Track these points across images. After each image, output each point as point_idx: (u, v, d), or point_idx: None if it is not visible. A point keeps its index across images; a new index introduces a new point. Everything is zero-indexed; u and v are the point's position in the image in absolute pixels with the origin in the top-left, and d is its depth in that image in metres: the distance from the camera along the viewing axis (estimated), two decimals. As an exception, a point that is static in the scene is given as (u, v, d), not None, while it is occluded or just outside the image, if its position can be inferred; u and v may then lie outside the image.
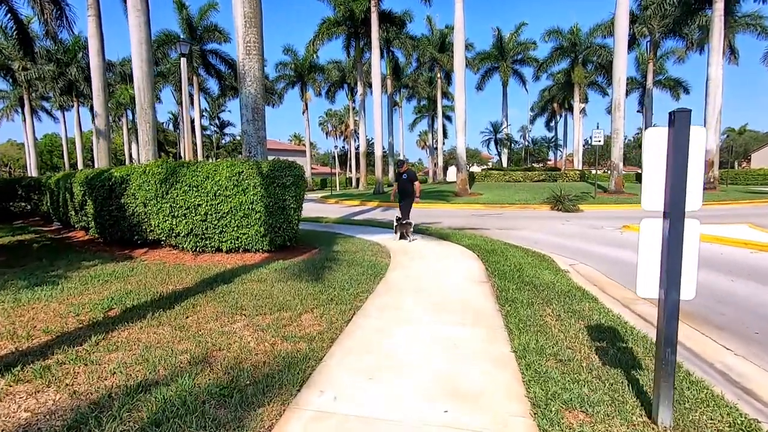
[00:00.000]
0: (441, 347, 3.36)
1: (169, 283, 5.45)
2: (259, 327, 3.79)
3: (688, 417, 2.36)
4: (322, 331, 3.70)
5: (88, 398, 2.60)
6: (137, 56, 11.98)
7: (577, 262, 7.04)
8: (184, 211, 7.06)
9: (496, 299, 4.62)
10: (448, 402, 2.55)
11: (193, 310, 4.29)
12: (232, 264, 6.56)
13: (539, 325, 3.77)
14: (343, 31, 29.51)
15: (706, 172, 21.65)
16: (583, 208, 15.98)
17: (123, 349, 3.34)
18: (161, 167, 7.34)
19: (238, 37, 8.77)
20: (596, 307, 4.35)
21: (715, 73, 20.53)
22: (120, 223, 8.05)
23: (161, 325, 3.88)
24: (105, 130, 17.67)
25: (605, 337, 3.54)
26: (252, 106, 8.79)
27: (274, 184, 6.96)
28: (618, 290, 5.41)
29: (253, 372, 2.92)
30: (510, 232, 10.59)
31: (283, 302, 4.48)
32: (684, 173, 2.09)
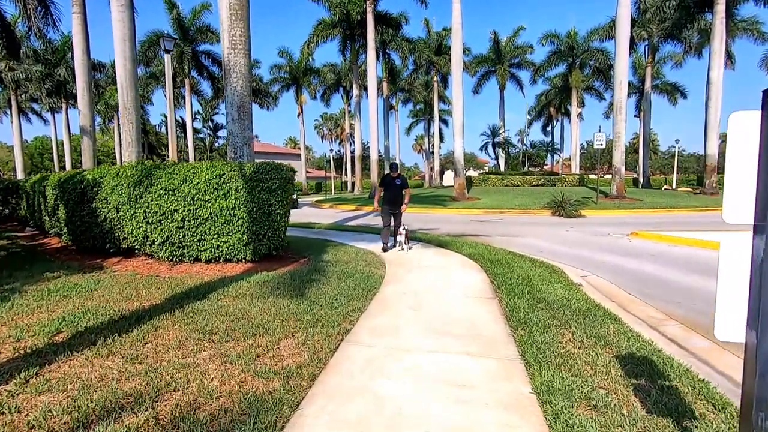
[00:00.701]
0: (446, 387, 2.76)
1: (136, 299, 4.82)
2: (227, 358, 3.18)
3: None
4: (302, 363, 3.09)
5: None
6: (120, 53, 11.36)
7: (589, 274, 6.47)
8: (159, 217, 6.44)
9: (507, 320, 4.03)
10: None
11: (154, 335, 3.67)
12: (211, 276, 5.93)
13: (561, 356, 3.18)
14: (339, 33, 29.03)
15: (708, 178, 21.27)
16: (585, 213, 15.46)
17: (56, 389, 2.71)
18: (135, 169, 6.73)
19: (223, 31, 8.19)
20: (622, 330, 3.77)
21: (716, 76, 20.19)
22: (92, 230, 7.41)
23: (112, 354, 3.26)
24: (90, 130, 17.01)
25: (642, 372, 2.95)
26: (238, 104, 8.19)
27: (259, 187, 6.36)
28: (640, 307, 4.83)
29: (210, 424, 2.31)
30: (512, 239, 10.03)
31: (260, 324, 3.87)
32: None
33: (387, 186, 7.88)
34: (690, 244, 8.67)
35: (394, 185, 7.84)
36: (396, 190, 7.86)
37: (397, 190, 7.86)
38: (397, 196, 7.86)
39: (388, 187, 7.86)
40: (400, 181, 7.88)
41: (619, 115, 18.13)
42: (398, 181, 7.85)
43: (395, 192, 7.86)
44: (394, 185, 7.84)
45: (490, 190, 25.80)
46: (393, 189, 7.86)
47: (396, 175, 7.91)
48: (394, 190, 7.86)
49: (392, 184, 7.85)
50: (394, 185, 7.84)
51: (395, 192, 7.86)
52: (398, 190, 7.87)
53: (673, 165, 50.61)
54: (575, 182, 28.80)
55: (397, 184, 7.84)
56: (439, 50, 36.38)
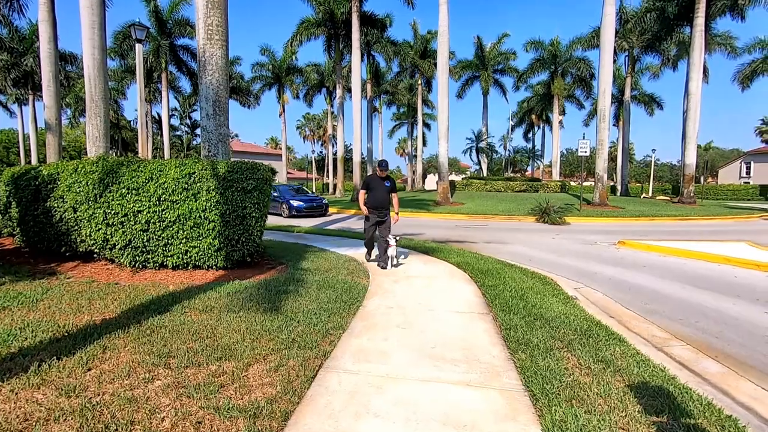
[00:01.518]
0: (444, 429, 2.35)
1: (87, 311, 4.25)
2: (185, 389, 2.69)
3: None
4: (274, 396, 2.63)
5: None
6: (89, 41, 10.62)
7: (582, 285, 6.19)
8: (120, 218, 5.85)
9: (504, 341, 3.66)
10: None
11: (101, 358, 3.14)
12: (177, 284, 5.38)
13: (570, 386, 2.82)
14: (323, 32, 28.51)
15: (686, 188, 21.63)
16: (569, 220, 15.38)
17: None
18: (96, 165, 6.13)
19: (198, 20, 7.64)
20: (629, 353, 3.44)
21: (695, 88, 20.56)
22: (46, 231, 6.74)
23: (44, 384, 2.72)
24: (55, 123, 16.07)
25: (661, 407, 2.61)
26: (213, 98, 7.64)
27: (233, 188, 5.85)
28: (641, 324, 4.55)
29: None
30: (499, 247, 9.74)
31: (227, 345, 3.38)
32: None
33: (373, 187, 6.67)
34: (680, 254, 8.53)
35: (382, 187, 6.63)
36: (383, 193, 6.64)
37: (385, 194, 6.66)
38: (385, 200, 6.68)
39: (375, 188, 6.65)
40: (389, 184, 6.68)
41: (603, 122, 18.22)
42: (387, 183, 6.65)
43: (382, 195, 6.64)
44: (382, 187, 6.63)
45: (473, 195, 25.68)
46: (380, 191, 6.63)
47: (384, 175, 6.68)
48: (382, 193, 6.63)
49: (380, 185, 6.63)
50: (382, 187, 6.63)
51: (382, 195, 6.64)
52: (386, 194, 6.66)
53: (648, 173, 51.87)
54: (557, 189, 28.98)
55: (386, 186, 6.65)
56: (424, 53, 36.25)
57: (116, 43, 28.36)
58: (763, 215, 18.69)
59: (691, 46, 20.42)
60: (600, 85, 18.32)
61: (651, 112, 39.91)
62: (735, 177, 51.26)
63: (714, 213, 18.34)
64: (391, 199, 6.79)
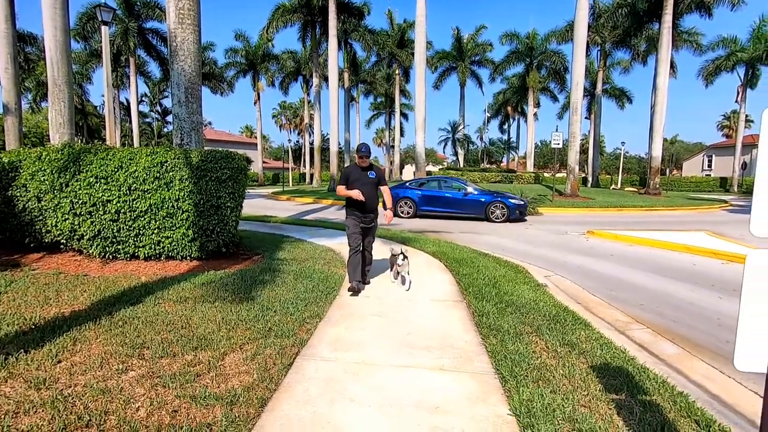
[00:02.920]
0: (418, 412, 2.44)
1: (55, 303, 4.14)
2: (160, 379, 2.68)
3: None
4: (250, 384, 2.66)
5: None
6: (50, 22, 10.11)
7: (552, 273, 6.42)
8: (89, 208, 5.67)
9: (477, 327, 3.78)
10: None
11: (72, 350, 3.08)
12: (149, 275, 5.28)
13: (537, 369, 2.96)
14: (299, 19, 27.98)
15: (652, 179, 22.50)
16: (541, 210, 15.79)
17: (-75, 430, 2.12)
18: (61, 152, 5.90)
19: (169, 3, 7.38)
20: (593, 337, 3.63)
21: (662, 83, 21.30)
22: (8, 221, 6.45)
23: (12, 378, 2.66)
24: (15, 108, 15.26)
25: (620, 386, 2.78)
26: (185, 85, 7.44)
27: (207, 177, 5.75)
28: (605, 310, 4.77)
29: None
30: (474, 237, 9.94)
31: (203, 335, 3.37)
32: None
33: (354, 180, 4.90)
34: (644, 243, 8.94)
35: (366, 180, 4.91)
36: (369, 188, 4.90)
37: (371, 189, 4.94)
38: (371, 197, 4.95)
39: (357, 182, 4.88)
40: (375, 175, 5.00)
41: (575, 115, 18.69)
42: (371, 175, 4.96)
43: (368, 191, 4.87)
44: (366, 180, 4.91)
45: (449, 186, 25.92)
46: (364, 186, 4.87)
47: (366, 164, 4.99)
48: (367, 187, 4.88)
49: (362, 178, 4.91)
50: (366, 180, 4.91)
51: (368, 191, 4.87)
52: (372, 189, 4.96)
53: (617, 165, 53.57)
54: (531, 180, 29.63)
55: (370, 178, 4.95)
56: (402, 43, 36.09)
57: (80, 25, 27.01)
58: (722, 206, 19.69)
59: (660, 42, 21.09)
60: (573, 78, 18.75)
61: (622, 106, 41.07)
62: (698, 169, 53.58)
63: (678, 204, 19.21)
64: (381, 194, 5.22)
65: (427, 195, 13.70)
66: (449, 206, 13.51)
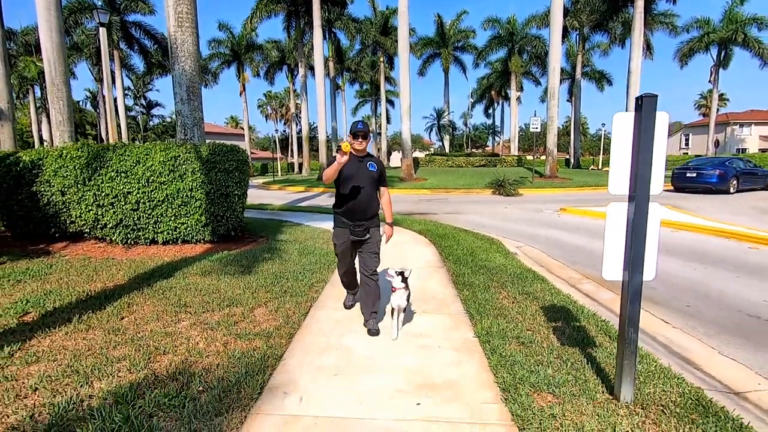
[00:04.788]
0: (407, 338, 3.29)
1: (98, 280, 4.88)
2: (207, 325, 3.48)
3: (644, 391, 2.48)
4: (278, 326, 3.47)
5: (4, 423, 2.20)
6: (45, 23, 10.51)
7: (523, 244, 7.32)
8: (111, 199, 6.36)
9: (454, 284, 4.64)
10: (421, 396, 2.48)
11: (129, 310, 3.85)
12: (171, 257, 6.03)
13: (498, 309, 3.83)
14: (283, 9, 28.16)
15: (627, 158, 23.57)
16: (522, 192, 16.74)
17: (46, 359, 2.89)
18: (81, 150, 6.54)
19: (168, 8, 7.95)
20: (547, 288, 4.52)
21: (635, 66, 22.25)
22: (33, 214, 7.08)
23: (91, 329, 3.43)
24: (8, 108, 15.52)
25: (560, 317, 3.67)
26: (187, 84, 8.06)
27: (216, 169, 6.47)
28: (563, 270, 5.68)
29: (206, 376, 2.65)
30: (457, 217, 10.81)
31: (232, 297, 4.17)
32: (650, 157, 2.13)
33: (348, 175, 3.36)
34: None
35: (363, 174, 3.41)
36: (367, 185, 3.42)
37: (370, 187, 3.44)
38: (370, 197, 3.44)
39: (351, 176, 3.37)
40: (376, 168, 3.48)
41: (553, 100, 19.55)
42: (372, 167, 3.45)
43: (366, 191, 3.41)
44: (363, 174, 3.41)
45: (436, 171, 26.78)
46: (361, 181, 3.39)
47: (364, 150, 3.44)
48: (364, 184, 3.40)
49: (359, 171, 3.39)
50: (363, 174, 3.41)
51: (366, 191, 3.41)
52: (371, 186, 3.45)
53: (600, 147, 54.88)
54: (514, 163, 30.60)
55: (370, 171, 3.44)
56: (385, 30, 36.39)
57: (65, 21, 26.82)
58: (691, 182, 20.85)
59: (632, 26, 21.97)
60: (550, 64, 19.55)
61: (601, 88, 42.06)
62: (676, 148, 55.20)
63: (649, 182, 20.27)
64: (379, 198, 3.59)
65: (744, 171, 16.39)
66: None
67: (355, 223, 3.44)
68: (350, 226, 3.45)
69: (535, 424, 2.17)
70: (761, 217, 9.80)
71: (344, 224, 3.48)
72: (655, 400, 2.39)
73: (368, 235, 3.49)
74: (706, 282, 5.09)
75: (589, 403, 2.35)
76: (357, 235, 3.45)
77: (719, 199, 14.04)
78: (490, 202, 14.52)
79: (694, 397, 2.43)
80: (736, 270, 5.55)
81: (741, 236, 7.31)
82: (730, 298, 4.49)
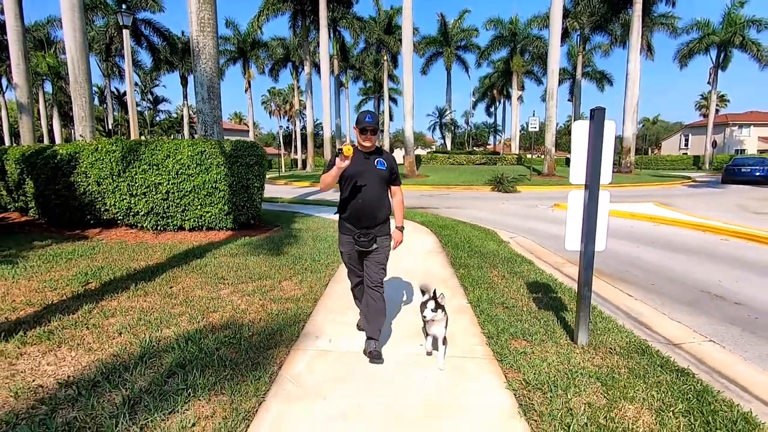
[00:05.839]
0: (413, 305, 3.97)
1: (139, 259, 5.57)
2: (244, 293, 4.17)
3: (598, 339, 3.16)
4: (304, 294, 4.16)
5: (105, 353, 2.89)
6: (69, 24, 11.18)
7: (517, 235, 7.99)
8: (143, 189, 7.03)
9: (452, 265, 5.32)
10: (423, 340, 3.16)
11: (175, 282, 4.54)
12: (198, 241, 6.72)
13: (488, 283, 4.51)
14: (289, 8, 28.77)
15: (624, 158, 24.23)
16: (520, 189, 17.39)
17: (120, 314, 3.58)
18: (116, 145, 7.21)
19: (191, 14, 8.61)
20: (533, 269, 5.20)
21: (633, 68, 22.82)
22: (70, 203, 7.77)
23: (148, 294, 4.12)
24: (27, 103, 16.26)
25: (540, 290, 4.35)
26: (207, 84, 8.73)
27: (237, 163, 7.14)
28: (550, 257, 6.35)
29: (253, 326, 3.34)
30: (457, 211, 11.48)
31: (261, 272, 4.85)
32: (600, 155, 2.79)
33: (351, 174, 2.88)
34: (598, 212, 10.57)
35: (370, 172, 2.93)
36: (375, 185, 2.94)
37: (378, 186, 2.96)
38: (379, 199, 2.97)
39: (358, 176, 2.90)
40: (385, 165, 2.98)
41: (551, 101, 20.16)
42: (380, 164, 2.96)
43: (374, 190, 2.95)
44: (370, 172, 2.93)
45: (437, 168, 27.42)
46: (369, 181, 2.92)
47: (371, 146, 2.94)
48: (372, 183, 2.93)
49: (366, 169, 2.92)
50: (370, 172, 2.93)
51: (374, 190, 2.95)
52: (380, 186, 2.98)
53: (600, 146, 55.35)
54: (514, 161, 31.22)
55: (379, 169, 2.95)
56: (389, 29, 36.96)
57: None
58: (684, 182, 21.53)
59: (630, 29, 22.53)
60: (549, 65, 20.13)
61: (602, 88, 42.57)
62: (675, 148, 55.76)
63: (644, 180, 20.99)
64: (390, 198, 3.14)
65: None
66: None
67: (362, 231, 2.93)
68: (355, 235, 2.93)
69: (510, 358, 2.85)
70: (742, 214, 10.45)
71: (349, 231, 2.99)
72: (606, 345, 3.07)
73: (375, 245, 2.97)
74: (674, 267, 5.76)
75: (553, 346, 3.03)
76: (362, 245, 2.94)
77: (711, 197, 14.69)
78: (488, 198, 15.19)
79: (637, 344, 3.11)
80: (704, 258, 6.23)
81: (716, 230, 7.98)
82: (691, 280, 5.17)
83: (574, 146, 2.91)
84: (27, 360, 2.79)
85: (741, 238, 7.36)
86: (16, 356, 2.83)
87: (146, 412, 2.19)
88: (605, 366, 2.75)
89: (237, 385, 2.47)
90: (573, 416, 2.18)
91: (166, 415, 2.18)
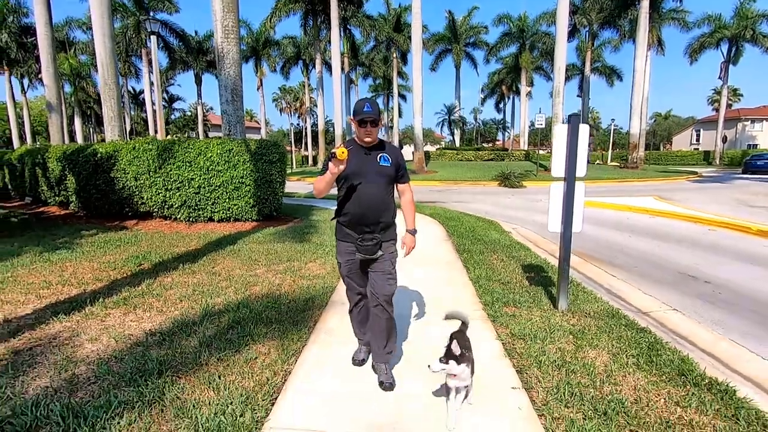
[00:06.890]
0: (424, 282, 4.62)
1: (179, 245, 6.29)
2: (277, 272, 4.85)
3: (577, 306, 3.78)
4: (328, 272, 4.83)
5: (174, 314, 3.59)
6: (99, 30, 11.95)
7: (519, 226, 8.57)
8: (177, 184, 7.77)
9: (457, 251, 5.95)
10: (434, 306, 3.81)
11: (215, 263, 5.24)
12: (228, 231, 7.43)
13: (488, 265, 5.14)
14: (301, 8, 29.42)
15: (631, 154, 24.50)
16: (526, 184, 17.90)
17: (176, 287, 4.29)
18: (152, 144, 7.95)
19: (216, 22, 9.30)
20: (530, 254, 5.81)
21: (640, 65, 23.07)
22: (109, 197, 8.55)
23: (195, 273, 4.83)
24: (56, 103, 17.18)
25: (534, 270, 4.96)
26: (231, 87, 9.43)
27: (262, 160, 7.83)
28: (548, 245, 6.93)
29: (289, 296, 4.02)
30: (464, 205, 12.08)
31: (288, 256, 5.54)
32: (575, 153, 3.40)
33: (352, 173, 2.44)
34: (599, 206, 11.08)
35: (373, 169, 2.48)
36: (379, 180, 2.50)
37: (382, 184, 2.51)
38: (382, 200, 2.52)
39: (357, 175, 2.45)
40: (389, 161, 2.53)
41: (558, 98, 20.57)
42: (384, 160, 2.51)
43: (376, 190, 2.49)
44: (373, 169, 2.48)
45: (446, 164, 27.97)
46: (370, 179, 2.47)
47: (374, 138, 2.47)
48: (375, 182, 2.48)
49: (367, 167, 2.47)
50: (373, 169, 2.48)
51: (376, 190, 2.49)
52: (384, 185, 2.52)
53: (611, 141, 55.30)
54: (522, 157, 31.62)
55: (382, 166, 2.50)
56: (398, 26, 37.42)
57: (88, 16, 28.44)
58: (690, 177, 21.78)
59: (637, 25, 22.77)
60: (555, 63, 20.51)
61: (611, 83, 42.53)
62: (686, 144, 55.36)
63: (650, 176, 21.31)
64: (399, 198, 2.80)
65: None
66: None
67: (363, 236, 2.52)
68: (356, 240, 2.53)
69: (501, 319, 3.48)
70: (738, 207, 10.89)
71: (348, 237, 2.57)
72: (583, 311, 3.69)
73: (380, 251, 2.57)
74: (660, 254, 6.32)
75: (538, 311, 3.66)
76: (365, 251, 2.53)
77: (712, 191, 15.07)
78: (495, 193, 15.74)
79: (609, 310, 3.72)
80: (690, 245, 6.77)
81: (705, 221, 8.48)
82: (672, 264, 5.73)
83: (555, 146, 3.52)
84: (113, 319, 3.50)
85: (728, 229, 7.86)
86: (104, 316, 3.55)
87: (218, 351, 2.88)
88: (579, 325, 3.37)
89: (284, 334, 3.15)
90: (546, 354, 2.82)
91: (233, 352, 2.86)
